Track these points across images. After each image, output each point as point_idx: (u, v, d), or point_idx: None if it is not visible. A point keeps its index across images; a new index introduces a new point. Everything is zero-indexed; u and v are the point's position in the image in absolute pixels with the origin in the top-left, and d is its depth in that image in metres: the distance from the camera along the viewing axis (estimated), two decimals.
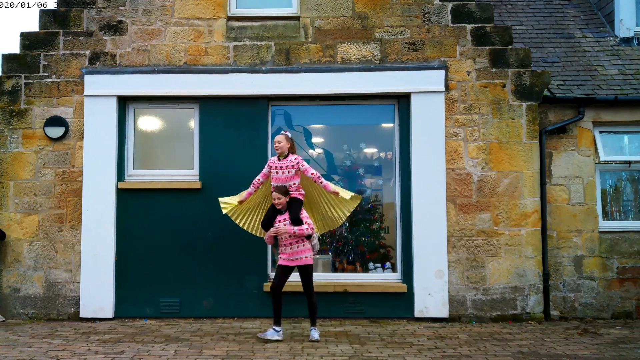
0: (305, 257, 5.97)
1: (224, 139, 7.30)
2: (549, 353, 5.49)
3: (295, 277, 6.12)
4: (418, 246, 7.04)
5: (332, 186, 6.16)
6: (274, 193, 5.99)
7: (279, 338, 5.92)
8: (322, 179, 6.09)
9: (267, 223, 6.11)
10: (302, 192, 6.15)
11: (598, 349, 5.64)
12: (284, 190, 6.00)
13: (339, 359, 5.25)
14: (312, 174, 6.03)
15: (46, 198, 7.25)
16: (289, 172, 6.04)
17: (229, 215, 6.50)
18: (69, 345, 5.80)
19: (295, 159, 6.08)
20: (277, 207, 6.01)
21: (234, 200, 6.48)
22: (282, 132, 6.41)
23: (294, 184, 6.05)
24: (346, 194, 6.14)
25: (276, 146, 6.13)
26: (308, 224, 5.88)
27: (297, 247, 5.95)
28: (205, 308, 7.13)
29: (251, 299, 7.12)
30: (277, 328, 5.98)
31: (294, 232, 5.84)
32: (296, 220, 5.91)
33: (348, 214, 6.42)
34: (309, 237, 5.98)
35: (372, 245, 7.55)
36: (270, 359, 5.25)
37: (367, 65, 7.28)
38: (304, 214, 6.03)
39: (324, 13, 7.39)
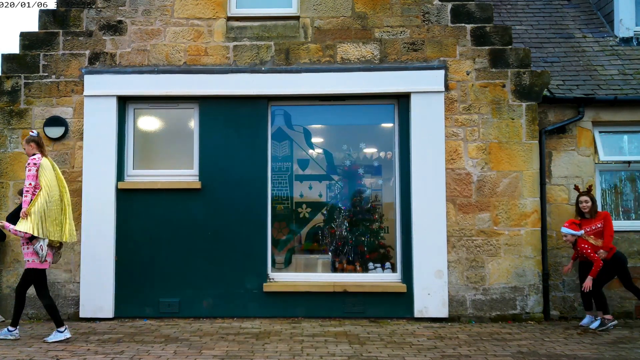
0: (27, 261, 5.84)
1: (223, 139, 7.30)
2: (548, 353, 5.50)
3: (294, 277, 6.11)
4: (418, 246, 7.04)
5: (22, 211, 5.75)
6: None
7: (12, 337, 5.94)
8: (24, 194, 5.77)
9: (10, 218, 6.14)
10: (35, 192, 5.79)
11: (597, 349, 5.65)
12: (19, 190, 6.00)
13: (339, 359, 5.25)
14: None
15: None
16: (29, 170, 5.78)
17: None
18: (68, 345, 5.80)
19: (31, 159, 5.84)
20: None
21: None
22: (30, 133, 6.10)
23: (30, 184, 5.75)
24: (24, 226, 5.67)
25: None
26: (26, 225, 5.64)
27: (26, 248, 5.85)
28: (204, 308, 7.13)
29: (251, 299, 7.12)
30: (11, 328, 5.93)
31: (10, 230, 5.83)
32: (14, 218, 5.87)
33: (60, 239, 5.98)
34: (31, 240, 5.77)
35: (372, 245, 7.55)
36: (270, 359, 5.25)
37: (366, 65, 7.28)
38: (32, 215, 5.70)
39: (324, 13, 7.39)
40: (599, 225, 6.68)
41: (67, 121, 7.31)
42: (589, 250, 6.50)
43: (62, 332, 5.93)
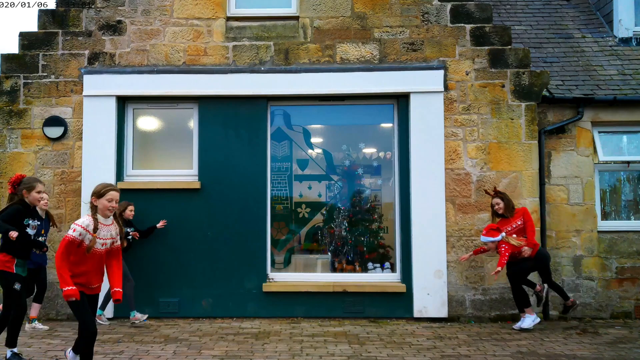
0: None
1: (223, 139, 7.30)
2: (548, 353, 5.50)
3: (294, 277, 6.10)
4: (417, 246, 7.04)
5: None
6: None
7: None
8: None
9: None
10: None
11: (597, 349, 5.65)
12: None
13: (338, 359, 5.25)
14: None
15: None
16: None
17: None
18: (68, 345, 5.77)
19: None
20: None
21: None
22: None
23: None
24: None
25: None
26: None
27: None
28: (204, 308, 7.13)
29: (250, 299, 7.12)
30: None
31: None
32: None
33: None
34: None
35: (371, 245, 7.55)
36: (269, 359, 5.25)
37: (366, 65, 7.28)
38: None
39: (323, 13, 7.39)
40: (519, 223, 6.49)
41: (66, 121, 7.31)
42: (504, 251, 6.31)
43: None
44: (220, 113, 7.33)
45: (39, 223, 5.34)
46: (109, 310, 7.04)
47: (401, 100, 7.32)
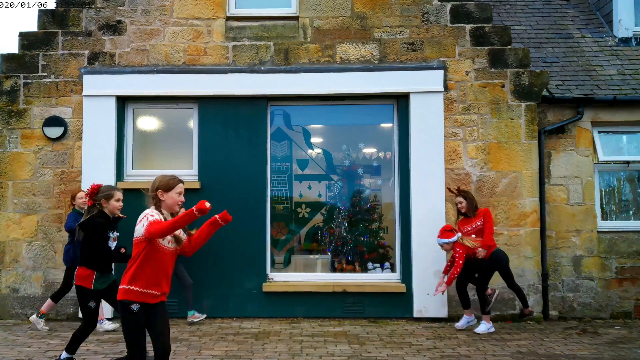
0: None
1: (223, 139, 7.30)
2: (547, 353, 5.50)
3: (293, 277, 6.10)
4: (417, 246, 7.04)
5: None
6: None
7: None
8: None
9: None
10: None
11: (597, 349, 5.65)
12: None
13: (338, 359, 5.25)
14: None
15: (45, 198, 7.24)
16: None
17: None
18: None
19: None
20: None
21: None
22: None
23: None
24: None
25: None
26: None
27: None
28: (204, 308, 7.12)
29: (250, 299, 7.11)
30: None
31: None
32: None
33: None
34: None
35: (371, 245, 7.55)
36: (269, 359, 5.25)
37: (366, 65, 7.28)
38: None
39: (323, 13, 7.39)
40: (479, 223, 6.41)
41: (66, 121, 7.31)
42: (457, 255, 6.24)
43: None
44: (220, 113, 7.33)
45: (118, 234, 5.09)
46: (109, 310, 7.04)
47: (401, 100, 7.32)
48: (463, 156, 7.18)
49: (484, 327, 6.38)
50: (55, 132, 7.28)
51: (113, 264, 5.22)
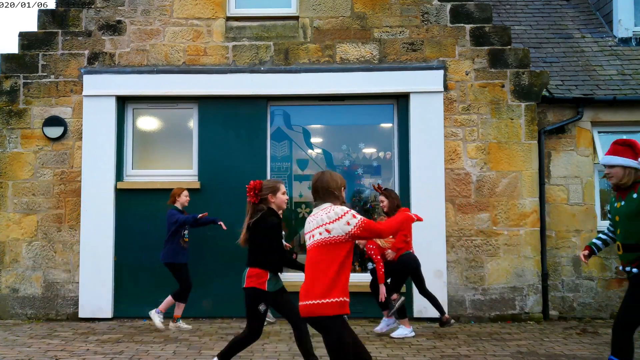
0: None
1: (222, 139, 7.30)
2: (547, 353, 5.50)
3: (293, 277, 6.09)
4: (417, 246, 7.01)
5: None
6: None
7: None
8: None
9: None
10: None
11: (597, 349, 5.65)
12: None
13: None
14: None
15: (45, 198, 7.24)
16: None
17: None
18: (67, 345, 5.80)
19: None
20: None
21: None
22: None
23: None
24: None
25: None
26: None
27: None
28: (204, 308, 7.12)
29: None
30: None
31: None
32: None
33: None
34: None
35: None
36: (269, 359, 5.25)
37: (366, 65, 7.28)
38: None
39: (323, 13, 7.39)
40: None
41: (66, 121, 7.31)
42: (373, 253, 6.02)
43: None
44: (220, 113, 7.33)
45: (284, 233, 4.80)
46: (108, 310, 7.04)
47: (401, 100, 7.32)
48: (463, 156, 7.18)
49: (402, 331, 6.16)
50: (55, 132, 7.28)
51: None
